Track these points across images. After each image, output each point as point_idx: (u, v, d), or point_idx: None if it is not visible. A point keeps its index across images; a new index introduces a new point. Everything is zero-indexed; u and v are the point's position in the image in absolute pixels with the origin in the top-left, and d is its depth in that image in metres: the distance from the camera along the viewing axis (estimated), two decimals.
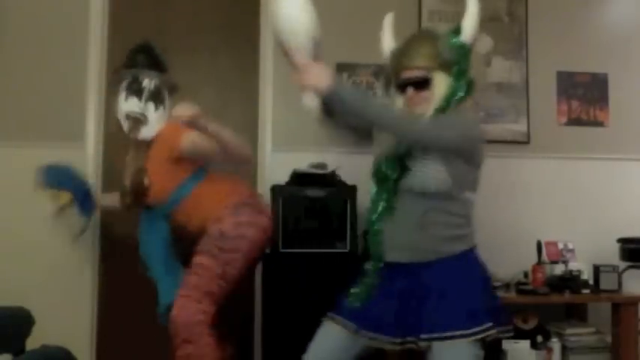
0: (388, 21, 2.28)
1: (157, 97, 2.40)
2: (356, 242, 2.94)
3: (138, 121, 2.39)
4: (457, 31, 2.13)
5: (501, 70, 3.70)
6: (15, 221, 3.25)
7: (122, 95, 2.40)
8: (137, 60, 2.44)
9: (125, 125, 2.40)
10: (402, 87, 2.10)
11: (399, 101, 2.12)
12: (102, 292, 3.35)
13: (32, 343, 2.31)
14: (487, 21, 3.69)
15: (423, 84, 2.07)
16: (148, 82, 2.40)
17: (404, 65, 2.09)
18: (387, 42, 2.25)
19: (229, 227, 2.38)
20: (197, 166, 2.50)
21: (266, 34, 3.46)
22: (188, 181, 2.47)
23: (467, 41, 2.13)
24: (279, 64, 3.42)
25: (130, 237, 2.87)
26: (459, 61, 2.14)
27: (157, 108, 2.40)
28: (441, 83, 2.09)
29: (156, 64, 2.46)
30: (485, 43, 3.70)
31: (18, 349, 2.25)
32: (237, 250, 2.39)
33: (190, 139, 2.38)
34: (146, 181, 2.41)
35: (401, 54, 2.13)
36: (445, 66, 2.09)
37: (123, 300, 3.32)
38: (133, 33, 3.44)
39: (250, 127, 3.44)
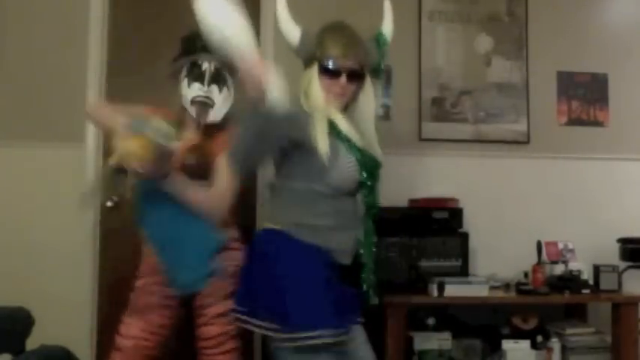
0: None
1: (219, 79, 2.39)
2: None
3: (204, 105, 2.36)
4: (378, 34, 2.17)
5: (501, 70, 3.70)
6: (15, 221, 3.25)
7: (184, 83, 2.37)
8: (194, 46, 2.40)
9: (192, 111, 2.35)
10: (333, 73, 2.02)
11: (315, 85, 2.04)
12: (102, 292, 3.35)
13: (32, 343, 2.31)
14: (487, 21, 3.70)
15: (357, 78, 2.05)
16: (208, 65, 2.37)
17: (345, 52, 2.02)
18: (288, 19, 2.12)
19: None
20: None
21: (266, 34, 3.46)
22: None
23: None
24: (279, 65, 3.42)
25: (130, 236, 2.87)
26: (380, 67, 2.16)
27: (220, 90, 2.39)
28: (369, 83, 2.10)
29: (211, 48, 2.44)
30: (485, 43, 3.71)
31: (18, 349, 2.25)
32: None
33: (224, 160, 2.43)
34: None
35: (338, 40, 2.04)
36: (374, 70, 2.12)
37: (123, 300, 3.31)
38: (133, 33, 3.45)
39: None
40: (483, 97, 3.67)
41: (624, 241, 3.40)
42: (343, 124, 2.03)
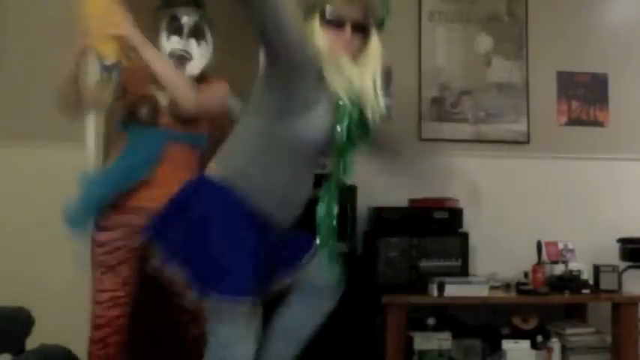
0: None
1: (197, 33, 2.41)
2: (355, 242, 2.95)
3: (182, 58, 2.39)
4: None
5: (501, 70, 3.70)
6: (15, 221, 3.25)
7: (163, 35, 2.40)
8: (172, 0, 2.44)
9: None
10: (337, 23, 1.84)
11: (317, 38, 1.84)
12: None
13: (32, 343, 2.31)
14: (487, 21, 3.70)
15: (362, 30, 1.87)
16: (187, 19, 2.40)
17: (347, 2, 1.84)
18: None
19: None
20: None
21: None
22: (204, 135, 2.45)
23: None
24: None
25: None
26: (385, 19, 1.95)
27: (199, 43, 2.42)
28: (376, 40, 1.90)
29: (192, 1, 2.45)
30: (485, 43, 3.71)
31: (18, 349, 2.25)
32: None
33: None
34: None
35: None
36: (379, 22, 1.91)
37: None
38: None
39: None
40: (483, 97, 3.67)
41: (624, 241, 3.40)
42: (351, 70, 1.84)
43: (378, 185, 3.46)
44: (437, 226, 3.28)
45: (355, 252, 2.94)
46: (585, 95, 3.78)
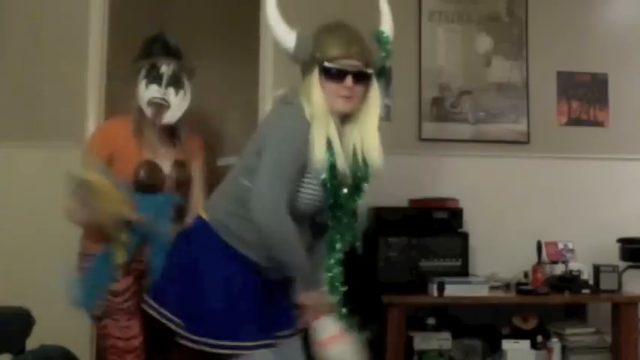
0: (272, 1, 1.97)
1: (176, 82, 2.45)
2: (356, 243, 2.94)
3: (160, 106, 2.42)
4: (380, 35, 1.99)
5: (501, 70, 3.70)
6: (15, 221, 3.25)
7: (142, 84, 2.44)
8: (153, 49, 2.48)
9: (148, 112, 2.42)
10: (338, 75, 1.83)
11: (318, 94, 1.84)
12: None
13: (32, 343, 2.31)
14: (487, 21, 3.70)
15: (363, 78, 1.87)
16: (166, 69, 2.44)
17: (348, 51, 1.83)
18: (279, 22, 1.93)
19: None
20: None
21: (266, 35, 3.46)
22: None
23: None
24: (280, 66, 3.42)
25: None
26: (385, 68, 2.00)
27: (177, 92, 2.45)
28: (376, 84, 1.92)
29: (171, 52, 2.50)
30: (485, 43, 3.71)
31: (18, 349, 2.25)
32: None
33: (200, 171, 2.56)
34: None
35: (341, 41, 1.86)
36: (378, 70, 1.94)
37: None
38: (133, 33, 3.44)
39: (250, 130, 3.42)
40: (483, 97, 3.67)
41: (624, 241, 3.40)
42: (336, 141, 1.85)
43: (378, 185, 3.46)
44: (437, 226, 3.28)
45: (355, 252, 2.93)
46: (585, 95, 3.78)
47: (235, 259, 1.87)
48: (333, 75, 1.83)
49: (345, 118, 1.92)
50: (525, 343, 3.15)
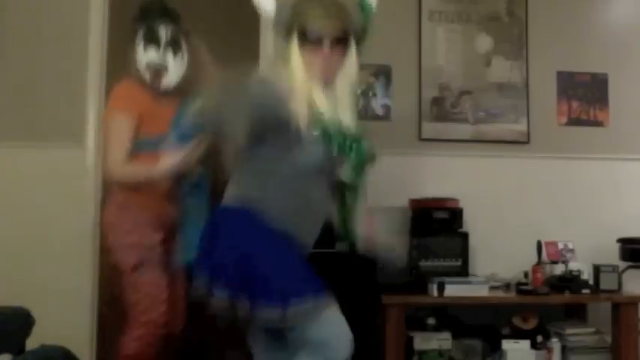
0: None
1: (174, 45, 2.44)
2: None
3: (159, 70, 2.41)
4: (362, 2, 1.96)
5: (501, 70, 3.70)
6: (15, 221, 3.25)
7: (139, 47, 2.42)
8: (150, 12, 2.46)
9: (146, 76, 2.41)
10: (315, 41, 1.82)
11: (295, 59, 1.83)
12: (102, 292, 3.35)
13: (32, 343, 2.31)
14: (487, 21, 3.70)
15: (341, 45, 1.84)
16: (165, 31, 2.43)
17: (325, 17, 1.82)
18: None
19: None
20: None
21: (267, 32, 3.46)
22: None
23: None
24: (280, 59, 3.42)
25: None
26: (366, 32, 1.94)
27: (175, 55, 2.43)
28: (354, 51, 1.89)
29: (168, 14, 2.49)
30: (485, 43, 3.71)
31: (18, 349, 2.25)
32: None
33: None
34: None
35: (317, 6, 1.86)
36: (358, 36, 1.91)
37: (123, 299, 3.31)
38: (133, 33, 3.44)
39: None
40: (483, 97, 3.67)
41: (624, 241, 3.40)
42: (322, 102, 1.83)
43: (378, 185, 3.46)
44: (437, 226, 3.28)
45: (355, 252, 2.93)
46: (585, 95, 3.78)
47: (276, 233, 1.84)
48: (311, 40, 1.82)
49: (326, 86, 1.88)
50: (525, 343, 3.15)
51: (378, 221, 1.92)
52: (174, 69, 2.43)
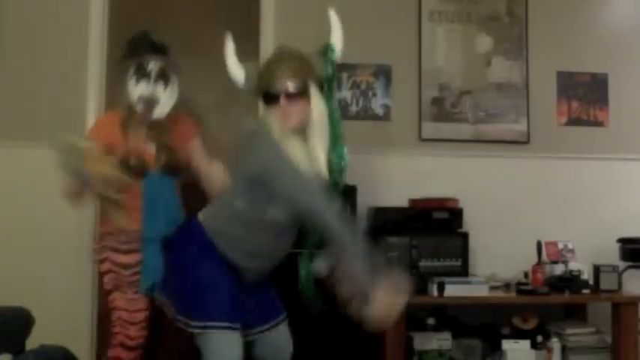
0: (230, 44, 2.26)
1: (164, 77, 2.54)
2: None
3: (150, 102, 2.51)
4: (326, 49, 2.21)
5: (501, 70, 3.70)
6: (15, 221, 3.25)
7: (131, 82, 2.52)
8: (139, 48, 2.57)
9: (139, 108, 2.51)
10: (273, 99, 2.07)
11: (269, 119, 2.08)
12: (102, 292, 3.35)
13: (32, 343, 2.31)
14: (487, 21, 3.70)
15: (297, 96, 2.07)
16: (154, 65, 2.53)
17: (277, 77, 2.07)
18: (234, 63, 2.24)
19: None
20: None
21: (267, 31, 3.47)
22: None
23: (338, 58, 2.23)
24: None
25: None
26: (333, 77, 2.21)
27: (165, 87, 2.54)
28: (317, 96, 2.10)
29: (156, 48, 2.58)
30: (485, 43, 3.71)
31: (18, 348, 2.25)
32: None
33: (198, 147, 2.64)
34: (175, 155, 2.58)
35: (274, 69, 2.10)
36: (320, 82, 2.13)
37: None
38: (133, 33, 3.44)
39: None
40: (483, 97, 3.67)
41: (624, 241, 3.40)
42: (295, 150, 2.02)
43: (378, 185, 3.46)
44: (437, 226, 3.28)
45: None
46: (585, 95, 3.78)
47: (217, 256, 2.07)
48: (270, 100, 2.09)
49: (301, 131, 2.10)
50: (525, 343, 3.15)
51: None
52: (165, 100, 2.54)
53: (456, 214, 3.32)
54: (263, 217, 2.04)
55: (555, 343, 3.17)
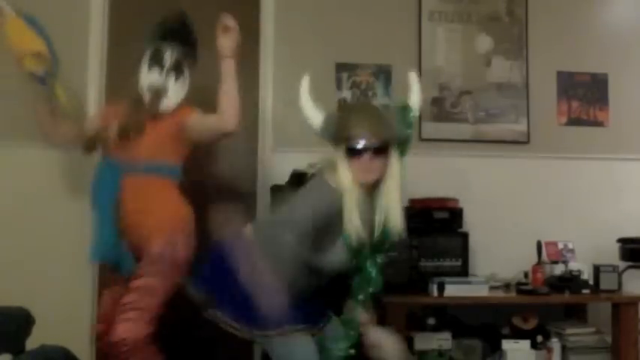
0: (306, 82, 2.25)
1: (177, 69, 2.48)
2: None
3: (158, 93, 2.44)
4: (405, 107, 2.24)
5: (501, 70, 3.70)
6: (15, 221, 3.25)
7: (144, 67, 2.47)
8: (163, 31, 2.51)
9: (146, 97, 2.45)
10: (356, 153, 2.10)
11: (343, 169, 2.11)
12: (102, 292, 3.34)
13: (32, 343, 2.31)
14: (487, 21, 3.70)
15: (381, 153, 2.12)
16: (170, 54, 2.47)
17: (362, 132, 2.10)
18: (310, 106, 2.23)
19: (168, 249, 2.42)
20: (183, 158, 2.54)
21: (267, 32, 3.46)
22: (168, 165, 2.50)
23: (416, 118, 2.28)
24: (280, 63, 3.42)
25: None
26: (409, 139, 2.25)
27: (177, 79, 2.47)
28: (395, 157, 2.18)
29: (181, 37, 2.52)
30: (485, 43, 3.71)
31: (18, 349, 2.25)
32: (174, 272, 2.43)
33: (198, 117, 2.47)
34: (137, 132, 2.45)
35: (358, 124, 2.13)
36: (398, 140, 2.19)
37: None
38: (133, 32, 3.44)
39: (250, 127, 3.44)
40: (483, 97, 3.67)
41: (624, 241, 3.40)
42: (352, 203, 2.09)
43: None
44: (437, 226, 3.28)
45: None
46: (585, 95, 3.78)
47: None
48: (354, 153, 2.11)
49: (372, 188, 2.16)
50: (525, 343, 3.15)
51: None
52: (174, 93, 2.47)
53: (456, 214, 3.32)
54: (305, 259, 2.09)
55: (555, 343, 3.18)
